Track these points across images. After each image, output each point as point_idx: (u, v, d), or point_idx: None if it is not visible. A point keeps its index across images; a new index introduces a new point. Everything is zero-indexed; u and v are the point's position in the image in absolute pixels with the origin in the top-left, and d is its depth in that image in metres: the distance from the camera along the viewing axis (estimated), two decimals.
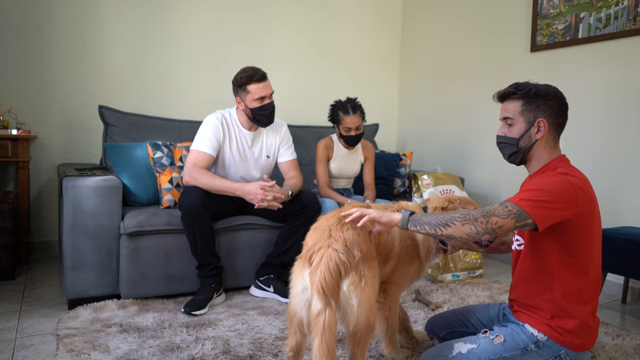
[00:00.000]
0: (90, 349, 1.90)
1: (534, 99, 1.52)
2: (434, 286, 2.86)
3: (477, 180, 3.74)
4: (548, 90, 1.53)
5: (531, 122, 1.53)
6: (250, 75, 2.52)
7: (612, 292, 2.87)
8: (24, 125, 3.21)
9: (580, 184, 1.43)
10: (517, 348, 1.47)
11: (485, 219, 1.37)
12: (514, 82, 1.58)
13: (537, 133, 1.53)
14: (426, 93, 4.31)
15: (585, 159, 3.00)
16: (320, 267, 1.39)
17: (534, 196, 1.38)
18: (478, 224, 1.37)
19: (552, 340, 1.46)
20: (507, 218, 1.36)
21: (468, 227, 1.38)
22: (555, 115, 1.53)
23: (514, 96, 1.55)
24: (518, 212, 1.36)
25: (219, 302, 2.51)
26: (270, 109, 2.56)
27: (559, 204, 1.37)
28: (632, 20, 2.76)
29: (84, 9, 3.37)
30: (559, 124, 1.55)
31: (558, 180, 1.42)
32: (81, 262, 2.37)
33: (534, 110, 1.52)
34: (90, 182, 2.37)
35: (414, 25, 4.47)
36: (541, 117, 1.52)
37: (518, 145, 1.56)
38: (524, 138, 1.55)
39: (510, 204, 1.39)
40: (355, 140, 3.00)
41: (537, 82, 1.56)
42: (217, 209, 2.53)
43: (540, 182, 1.43)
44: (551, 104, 1.52)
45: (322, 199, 2.84)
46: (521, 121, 1.54)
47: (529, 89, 1.53)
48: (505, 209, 1.37)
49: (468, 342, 1.51)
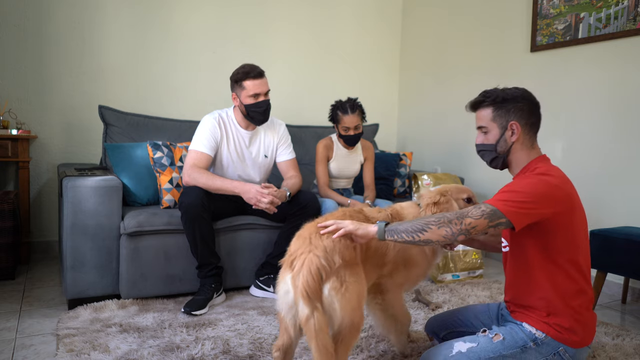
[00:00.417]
0: (90, 349, 1.90)
1: (503, 104, 1.57)
2: (434, 286, 2.86)
3: (477, 180, 3.74)
4: (515, 93, 1.57)
5: (504, 126, 1.57)
6: (246, 71, 2.53)
7: (612, 292, 2.87)
8: (24, 125, 3.21)
9: (557, 182, 1.46)
10: (517, 346, 1.48)
11: (459, 221, 1.41)
12: (483, 91, 1.62)
13: (512, 136, 1.57)
14: (426, 93, 4.31)
15: (585, 159, 3.00)
16: (302, 271, 1.41)
17: (509, 197, 1.42)
18: (453, 226, 1.41)
19: (551, 337, 1.47)
20: (480, 218, 1.41)
21: (444, 229, 1.42)
22: (527, 116, 1.56)
23: (484, 104, 1.61)
24: (491, 211, 1.41)
25: (219, 302, 2.51)
26: (264, 106, 2.56)
27: (534, 204, 1.41)
28: (632, 20, 2.76)
29: (84, 8, 3.37)
30: (532, 123, 1.58)
31: (534, 181, 1.45)
32: (81, 262, 2.37)
33: (505, 115, 1.57)
34: (90, 182, 2.37)
35: (414, 25, 4.47)
36: (513, 120, 1.56)
37: (496, 150, 1.61)
38: (501, 143, 1.59)
39: (484, 205, 1.43)
40: (354, 140, 3.00)
41: (505, 87, 1.60)
42: (217, 209, 2.53)
43: (516, 184, 1.47)
44: (520, 105, 1.56)
45: (322, 199, 2.84)
46: (495, 127, 1.59)
47: (496, 95, 1.57)
48: (478, 210, 1.42)
49: (468, 341, 1.52)
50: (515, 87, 1.59)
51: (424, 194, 1.83)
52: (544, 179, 1.45)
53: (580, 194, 1.57)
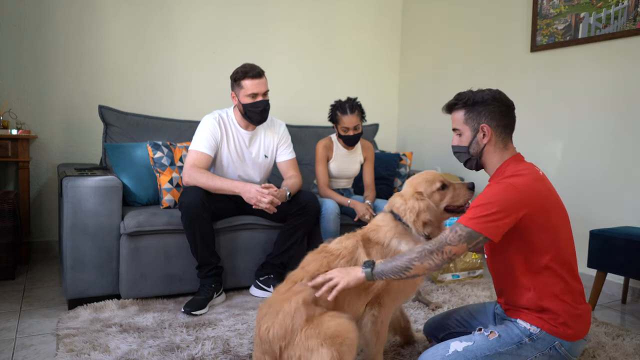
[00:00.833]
0: (90, 349, 1.90)
1: (474, 107, 1.59)
2: (434, 286, 2.86)
3: (477, 180, 3.73)
4: (486, 95, 1.58)
5: (476, 129, 1.59)
6: (246, 70, 2.53)
7: (612, 292, 2.87)
8: (24, 125, 3.21)
9: (524, 183, 1.47)
10: (512, 342, 1.49)
11: (439, 251, 1.45)
12: (457, 93, 1.63)
13: (484, 138, 1.59)
14: (426, 93, 4.31)
15: (585, 159, 3.00)
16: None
17: (480, 212, 1.44)
18: (435, 257, 1.45)
19: (545, 332, 1.48)
20: (458, 244, 1.44)
21: (427, 262, 1.46)
22: (498, 118, 1.58)
23: (457, 106, 1.63)
24: (467, 234, 1.43)
25: (219, 302, 2.51)
26: (261, 106, 2.56)
27: (504, 212, 1.42)
28: (632, 20, 2.76)
29: (84, 8, 3.37)
30: (504, 125, 1.58)
31: (500, 189, 1.46)
32: (81, 262, 2.37)
33: (476, 117, 1.59)
34: (90, 182, 2.37)
35: (414, 25, 4.47)
36: (483, 123, 1.58)
37: (469, 152, 1.63)
38: (473, 145, 1.61)
39: (459, 226, 1.45)
40: (354, 140, 3.00)
41: (479, 89, 1.61)
42: (217, 209, 2.53)
43: (484, 195, 1.48)
44: (491, 108, 1.57)
45: (322, 199, 2.84)
46: (467, 129, 1.61)
47: (467, 98, 1.59)
48: (455, 235, 1.45)
49: (464, 340, 1.52)
50: (489, 89, 1.60)
51: (397, 205, 1.71)
52: (511, 184, 1.46)
53: (580, 194, 1.57)
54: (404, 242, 1.68)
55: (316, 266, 1.63)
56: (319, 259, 1.66)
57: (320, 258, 1.66)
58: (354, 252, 1.67)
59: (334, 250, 1.68)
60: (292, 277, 1.64)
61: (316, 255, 1.69)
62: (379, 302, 1.67)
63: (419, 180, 1.74)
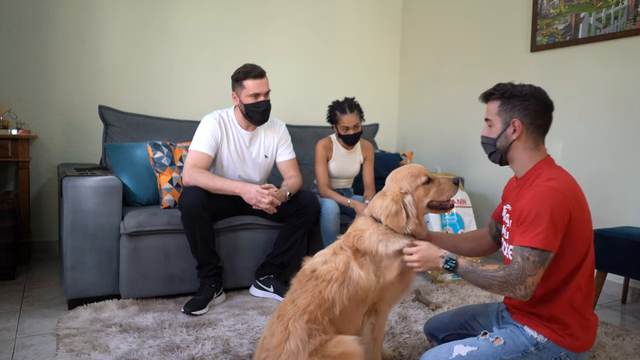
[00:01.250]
0: (90, 349, 1.90)
1: (510, 100, 1.52)
2: (434, 286, 2.86)
3: (477, 180, 3.74)
4: (526, 90, 1.51)
5: (507, 122, 1.54)
6: (247, 71, 2.54)
7: (612, 292, 2.87)
8: (24, 125, 3.21)
9: (567, 186, 1.44)
10: (517, 351, 1.46)
11: (522, 285, 1.39)
12: (497, 83, 1.58)
13: (513, 133, 1.53)
14: (426, 93, 4.31)
15: (585, 159, 3.00)
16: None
17: (536, 227, 1.38)
18: (517, 291, 1.40)
19: (552, 342, 1.45)
20: (536, 271, 1.38)
21: (507, 293, 1.41)
22: (532, 116, 1.51)
23: (493, 96, 1.57)
24: (540, 258, 1.38)
25: (219, 302, 2.51)
26: (263, 106, 2.56)
27: (556, 216, 1.38)
28: (632, 20, 2.76)
29: (84, 8, 3.37)
30: (537, 125, 1.52)
31: (542, 194, 1.41)
32: (81, 262, 2.37)
33: (510, 111, 1.53)
34: (90, 182, 2.37)
35: (414, 25, 4.47)
36: (516, 118, 1.52)
37: (495, 145, 1.57)
38: (501, 138, 1.56)
39: (527, 251, 1.38)
40: (354, 139, 3.00)
41: (523, 83, 1.55)
42: (217, 209, 2.53)
43: (529, 207, 1.41)
44: (527, 104, 1.51)
45: (322, 199, 2.84)
46: (498, 121, 1.56)
47: (505, 89, 1.53)
48: (529, 263, 1.38)
49: (468, 345, 1.50)
50: (530, 85, 1.53)
51: (379, 208, 1.61)
52: (554, 188, 1.41)
53: None
54: (389, 244, 1.58)
55: (307, 300, 1.50)
56: (309, 288, 1.52)
57: (311, 288, 1.52)
58: (347, 271, 1.54)
59: (325, 274, 1.53)
60: (284, 315, 1.51)
61: (304, 283, 1.54)
62: (376, 309, 1.63)
63: (404, 175, 1.64)
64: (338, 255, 1.57)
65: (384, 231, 1.59)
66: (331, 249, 1.61)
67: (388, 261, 1.58)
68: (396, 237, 1.59)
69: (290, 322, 1.47)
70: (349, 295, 1.51)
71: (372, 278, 1.55)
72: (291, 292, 1.57)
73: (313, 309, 1.48)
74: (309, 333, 1.45)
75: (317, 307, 1.48)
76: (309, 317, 1.47)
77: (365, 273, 1.54)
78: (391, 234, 1.59)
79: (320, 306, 1.48)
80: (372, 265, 1.57)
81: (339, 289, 1.51)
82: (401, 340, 2.06)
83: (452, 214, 3.11)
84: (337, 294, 1.50)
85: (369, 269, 1.56)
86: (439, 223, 3.05)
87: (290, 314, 1.49)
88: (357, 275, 1.54)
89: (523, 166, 1.56)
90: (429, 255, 1.53)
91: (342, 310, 1.51)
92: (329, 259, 1.58)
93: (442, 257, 1.53)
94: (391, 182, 1.66)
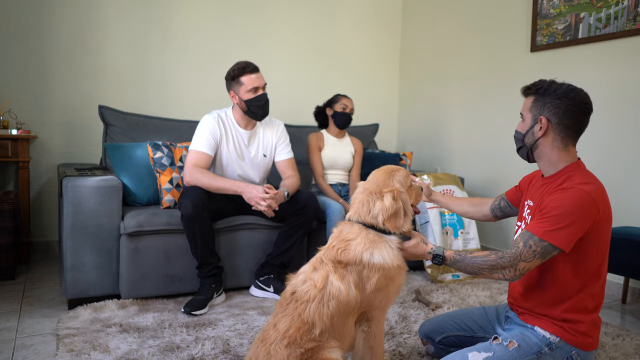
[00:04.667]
0: (90, 349, 1.90)
1: (543, 96, 1.51)
2: (434, 286, 2.86)
3: (477, 180, 3.74)
4: (561, 89, 1.49)
5: (535, 118, 1.52)
6: (242, 67, 2.55)
7: (612, 292, 2.87)
8: (24, 125, 3.21)
9: (601, 196, 1.43)
10: (532, 352, 1.45)
11: (513, 267, 1.41)
12: (539, 79, 1.56)
13: (539, 131, 1.51)
14: (426, 93, 4.31)
15: (584, 159, 2.97)
16: None
17: (556, 224, 1.38)
18: (506, 273, 1.43)
19: (564, 341, 1.46)
20: (532, 260, 1.40)
21: (497, 275, 1.45)
22: (561, 116, 1.48)
23: (530, 91, 1.56)
24: (543, 249, 1.38)
25: (219, 302, 2.51)
26: (264, 99, 2.58)
27: (580, 221, 1.37)
28: (632, 20, 2.76)
29: (85, 9, 3.37)
30: (565, 125, 1.49)
31: (575, 196, 1.39)
32: (81, 262, 2.37)
33: (540, 108, 1.51)
34: (90, 182, 2.37)
35: (414, 25, 4.47)
36: (544, 115, 1.50)
37: (523, 140, 1.57)
38: (528, 134, 1.55)
39: (533, 240, 1.39)
40: (348, 119, 3.19)
41: (562, 82, 1.52)
42: (217, 208, 2.53)
43: (557, 203, 1.40)
44: (558, 103, 1.48)
45: (327, 203, 2.82)
46: (529, 117, 1.55)
47: (541, 86, 1.52)
48: (529, 251, 1.39)
49: (482, 351, 1.47)
50: (569, 84, 1.51)
51: (379, 209, 1.54)
52: (585, 191, 1.40)
53: None
54: (376, 252, 1.51)
55: (287, 323, 1.46)
56: (289, 312, 1.48)
57: (291, 311, 1.48)
58: (325, 288, 1.47)
59: (303, 295, 1.48)
60: (266, 339, 1.48)
61: (285, 307, 1.50)
62: (367, 317, 1.56)
63: (403, 174, 1.64)
64: (317, 271, 1.52)
65: (373, 239, 1.53)
66: (311, 265, 1.56)
67: (369, 272, 1.50)
68: (384, 244, 1.53)
69: (272, 347, 1.46)
70: (330, 313, 1.45)
71: (352, 292, 1.48)
72: (274, 315, 1.54)
73: (292, 332, 1.45)
74: (289, 354, 1.43)
75: (297, 331, 1.45)
76: (288, 341, 1.44)
77: (345, 286, 1.47)
78: (379, 241, 1.53)
79: (299, 329, 1.45)
80: (355, 274, 1.50)
81: (317, 307, 1.46)
82: (401, 340, 2.06)
83: (452, 214, 3.11)
84: (316, 314, 1.45)
85: (349, 281, 1.49)
86: (439, 223, 3.05)
87: (272, 339, 1.47)
88: (337, 290, 1.47)
89: (551, 165, 1.54)
90: (417, 253, 1.58)
91: (323, 330, 1.46)
92: (309, 276, 1.52)
93: (430, 252, 1.57)
94: (387, 178, 1.62)
